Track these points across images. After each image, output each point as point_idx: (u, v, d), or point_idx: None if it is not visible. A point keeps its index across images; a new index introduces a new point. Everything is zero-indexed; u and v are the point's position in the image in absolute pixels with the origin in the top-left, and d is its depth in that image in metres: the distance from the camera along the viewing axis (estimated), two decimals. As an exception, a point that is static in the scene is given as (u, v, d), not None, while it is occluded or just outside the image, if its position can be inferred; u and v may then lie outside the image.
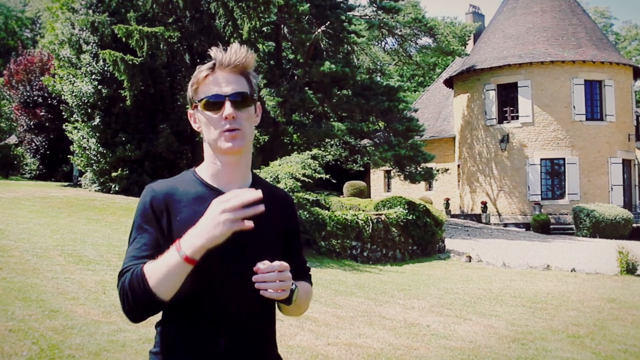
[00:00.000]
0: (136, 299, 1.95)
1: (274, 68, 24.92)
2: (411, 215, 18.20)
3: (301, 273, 2.35)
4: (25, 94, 33.06)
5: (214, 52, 2.14)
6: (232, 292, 2.08)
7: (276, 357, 2.28)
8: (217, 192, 2.12)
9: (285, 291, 2.01)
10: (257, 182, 2.26)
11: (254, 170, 2.31)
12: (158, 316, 2.12)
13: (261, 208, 1.91)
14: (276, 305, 2.23)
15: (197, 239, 1.88)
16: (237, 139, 2.10)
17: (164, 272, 1.92)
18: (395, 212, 18.05)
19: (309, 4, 22.37)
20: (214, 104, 2.10)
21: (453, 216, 32.96)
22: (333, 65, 22.29)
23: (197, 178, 2.18)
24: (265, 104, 22.44)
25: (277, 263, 1.99)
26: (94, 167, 23.82)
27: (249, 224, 1.89)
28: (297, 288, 2.14)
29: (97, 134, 23.30)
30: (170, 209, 2.09)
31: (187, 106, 2.23)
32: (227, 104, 2.08)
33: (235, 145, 2.10)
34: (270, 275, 1.97)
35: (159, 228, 2.08)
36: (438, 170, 27.85)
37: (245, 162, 2.21)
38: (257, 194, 1.91)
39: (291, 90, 22.75)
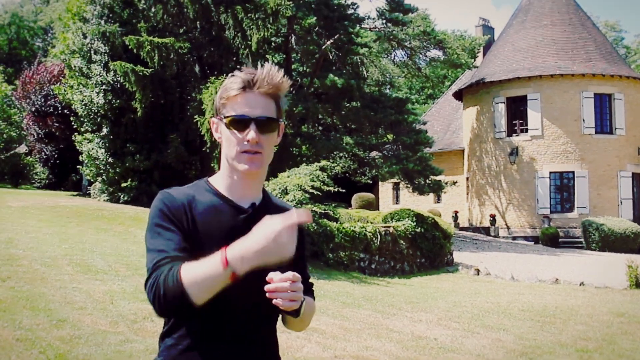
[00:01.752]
0: (169, 299, 1.92)
1: (284, 79, 24.96)
2: (419, 228, 18.16)
3: (305, 288, 2.35)
4: (36, 103, 33.25)
5: (249, 70, 2.14)
6: (238, 304, 2.08)
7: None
8: (231, 204, 2.14)
9: (296, 302, 2.00)
10: (266, 197, 2.27)
11: (264, 188, 2.32)
12: (162, 327, 2.13)
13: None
14: (281, 318, 2.23)
15: (251, 259, 1.85)
16: (255, 162, 2.11)
17: (204, 281, 1.88)
18: (404, 225, 18.02)
19: (315, 17, 22.42)
20: (240, 122, 2.10)
21: (461, 229, 32.84)
22: (336, 78, 22.34)
23: (211, 188, 2.18)
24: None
25: (289, 273, 1.97)
26: (103, 177, 23.91)
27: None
28: (305, 300, 2.13)
29: (106, 144, 23.40)
30: (186, 213, 2.08)
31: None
32: (253, 127, 2.09)
33: (252, 168, 2.11)
34: (283, 285, 1.96)
35: (181, 227, 2.05)
36: (447, 183, 27.79)
37: (261, 178, 2.22)
38: (309, 216, 1.92)
39: (299, 101, 22.79)
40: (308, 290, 2.39)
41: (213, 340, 2.08)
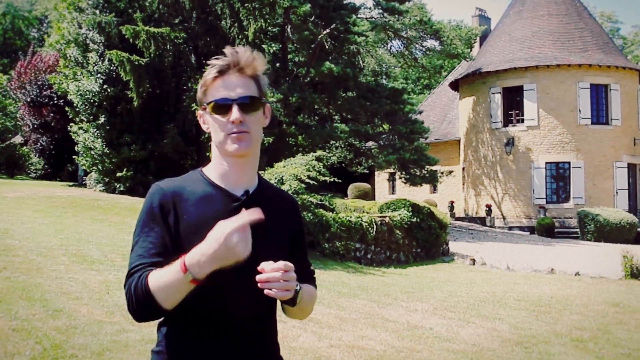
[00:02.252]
0: (140, 306, 1.98)
1: (279, 69, 24.94)
2: (415, 218, 18.18)
3: (306, 276, 2.35)
4: (32, 93, 33.15)
5: (223, 56, 2.14)
6: (236, 293, 2.08)
7: (279, 358, 2.28)
8: (224, 193, 2.14)
9: (289, 291, 2.00)
10: (263, 185, 2.26)
11: (259, 172, 2.32)
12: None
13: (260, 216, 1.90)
14: (281, 307, 2.24)
15: (207, 264, 1.88)
16: (244, 141, 2.10)
17: (168, 287, 1.93)
18: (400, 215, 18.04)
19: (310, 5, 22.34)
20: (222, 107, 2.10)
21: (457, 219, 32.89)
22: (333, 66, 22.29)
23: (204, 178, 2.18)
24: (270, 105, 22.45)
25: (281, 263, 1.98)
26: (98, 167, 23.85)
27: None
28: (302, 289, 2.13)
29: (102, 134, 23.33)
30: (178, 207, 2.09)
31: (195, 107, 2.24)
32: (235, 108, 2.08)
33: (241, 147, 2.10)
34: (274, 275, 1.96)
35: (165, 227, 2.08)
36: (442, 173, 27.81)
37: (253, 164, 2.21)
38: (260, 214, 1.90)
39: (295, 90, 22.75)
40: (309, 278, 2.39)
41: (211, 331, 2.09)
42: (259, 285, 1.97)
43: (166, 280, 1.93)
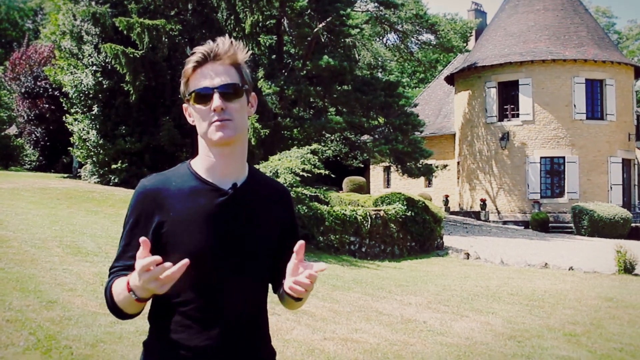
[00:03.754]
0: (110, 309, 2.09)
1: (275, 62, 24.89)
2: (410, 212, 18.20)
3: None
4: (26, 84, 33.05)
5: (203, 45, 2.13)
6: (227, 285, 2.09)
7: (270, 350, 2.28)
8: (211, 187, 2.13)
9: (307, 291, 2.02)
10: (253, 176, 2.24)
11: (254, 166, 2.30)
12: (149, 307, 2.15)
13: (181, 265, 1.86)
14: (279, 295, 2.25)
15: (139, 290, 1.92)
16: (227, 128, 2.08)
17: (122, 300, 2.02)
18: (394, 208, 18.06)
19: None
20: (203, 96, 2.09)
21: (452, 213, 32.95)
22: (331, 60, 22.26)
23: (191, 172, 2.17)
24: (265, 98, 22.43)
25: (310, 271, 1.99)
26: (93, 158, 23.80)
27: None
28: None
29: (97, 126, 23.27)
30: (163, 204, 2.10)
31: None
32: (216, 96, 2.07)
33: (225, 134, 2.08)
34: (306, 282, 1.98)
35: (148, 227, 2.09)
36: (437, 167, 27.85)
37: (240, 154, 2.18)
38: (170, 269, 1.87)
39: (291, 83, 22.72)
40: None
41: (202, 324, 2.09)
42: (287, 289, 2.03)
43: (119, 293, 2.01)
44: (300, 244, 2.03)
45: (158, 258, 1.84)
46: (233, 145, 2.13)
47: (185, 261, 1.84)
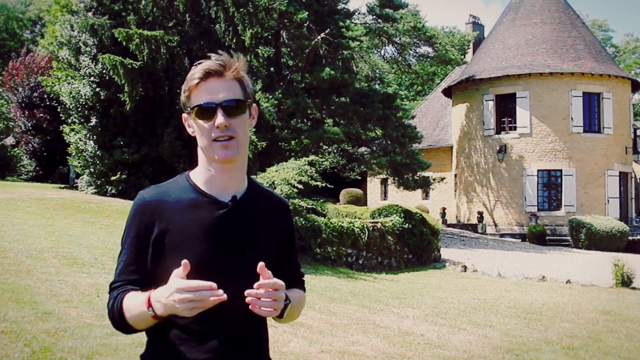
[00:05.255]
0: (116, 324, 2.09)
1: (274, 74, 24.94)
2: (407, 224, 18.18)
3: (295, 279, 2.34)
4: (24, 94, 33.04)
5: (205, 61, 2.12)
6: (227, 302, 2.07)
7: (268, 361, 2.26)
8: (211, 200, 2.12)
9: (276, 310, 2.00)
10: (253, 188, 2.24)
11: (251, 177, 2.29)
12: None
13: (223, 297, 1.90)
14: None
15: (163, 309, 1.94)
16: (231, 149, 2.08)
17: (136, 316, 2.02)
18: (392, 221, 18.04)
19: (307, 12, 22.38)
20: (206, 111, 2.08)
21: (449, 225, 32.94)
22: (333, 72, 22.31)
23: (190, 184, 2.16)
24: (263, 109, 22.44)
25: (271, 281, 1.97)
26: (91, 169, 23.75)
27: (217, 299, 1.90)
28: (291, 303, 2.11)
29: (94, 137, 23.24)
30: (162, 217, 2.09)
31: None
32: (220, 112, 2.06)
33: (228, 154, 2.08)
34: (262, 293, 1.96)
35: (147, 239, 2.09)
36: (434, 179, 27.86)
37: (241, 168, 2.17)
38: (219, 296, 1.90)
39: (289, 95, 22.75)
40: (298, 281, 2.38)
41: (201, 337, 2.08)
42: (246, 300, 1.97)
43: (134, 309, 2.01)
44: (260, 265, 1.99)
45: (213, 284, 1.88)
46: (234, 162, 2.13)
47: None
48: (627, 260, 16.24)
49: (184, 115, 2.19)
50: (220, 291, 1.87)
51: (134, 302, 2.00)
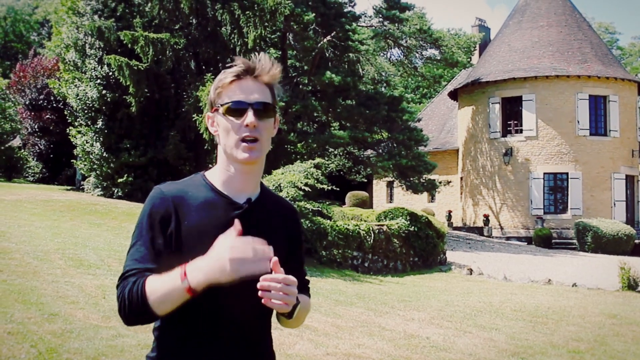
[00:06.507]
0: (132, 310, 1.98)
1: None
2: (413, 227, 18.16)
3: (301, 286, 2.34)
4: (31, 96, 33.14)
5: (242, 60, 2.14)
6: (232, 299, 2.06)
7: (274, 364, 2.27)
8: (227, 200, 2.13)
9: (287, 305, 1.98)
10: (264, 193, 2.27)
11: (262, 182, 2.31)
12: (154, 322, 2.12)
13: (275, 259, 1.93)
14: (275, 315, 2.22)
15: (202, 276, 1.90)
16: (254, 151, 2.10)
17: (164, 294, 1.94)
18: (397, 223, 18.02)
19: (314, 14, 22.40)
20: (237, 110, 2.10)
21: (455, 228, 32.89)
22: (334, 75, 22.31)
23: (207, 183, 2.17)
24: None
25: (282, 275, 1.97)
26: (97, 171, 23.81)
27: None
28: (300, 304, 2.11)
29: (101, 139, 23.30)
30: (179, 212, 2.09)
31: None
32: (250, 112, 2.08)
33: (252, 156, 2.10)
34: (275, 285, 1.95)
35: (164, 232, 2.07)
36: (440, 182, 27.82)
37: (258, 172, 2.21)
38: (271, 258, 1.93)
39: (296, 98, 22.76)
40: (304, 287, 2.38)
41: (207, 338, 2.08)
42: (259, 294, 1.95)
43: (163, 287, 1.94)
44: (274, 260, 1.99)
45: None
46: (255, 164, 2.15)
47: None
48: (633, 264, 16.22)
49: (209, 114, 2.21)
50: (271, 253, 1.91)
51: (161, 280, 1.95)
